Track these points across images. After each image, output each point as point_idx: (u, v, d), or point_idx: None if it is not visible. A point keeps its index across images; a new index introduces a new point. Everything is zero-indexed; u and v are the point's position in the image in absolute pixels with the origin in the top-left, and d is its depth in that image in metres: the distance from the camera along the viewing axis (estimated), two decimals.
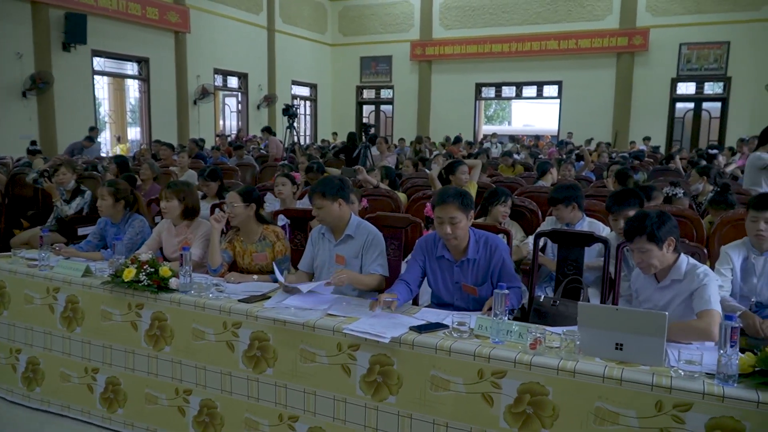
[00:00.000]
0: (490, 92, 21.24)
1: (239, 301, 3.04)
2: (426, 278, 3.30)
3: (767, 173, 5.82)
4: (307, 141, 20.64)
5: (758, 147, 6.13)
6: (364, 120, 21.87)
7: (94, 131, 12.85)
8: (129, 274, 3.18)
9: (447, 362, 2.47)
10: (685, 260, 2.83)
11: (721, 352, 2.08)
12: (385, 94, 22.33)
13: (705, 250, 3.50)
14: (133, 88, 15.93)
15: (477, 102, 20.91)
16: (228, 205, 3.68)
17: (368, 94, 22.82)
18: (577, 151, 12.31)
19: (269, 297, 3.13)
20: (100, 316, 3.37)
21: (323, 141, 18.95)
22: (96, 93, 14.27)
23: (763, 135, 6.04)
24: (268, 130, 13.13)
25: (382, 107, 22.72)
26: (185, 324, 3.10)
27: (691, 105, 18.37)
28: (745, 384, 2.07)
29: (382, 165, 7.66)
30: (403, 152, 13.44)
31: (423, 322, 2.72)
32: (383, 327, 2.64)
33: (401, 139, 17.02)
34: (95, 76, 14.06)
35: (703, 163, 8.11)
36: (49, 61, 12.36)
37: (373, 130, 11.45)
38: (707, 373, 2.14)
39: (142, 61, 15.06)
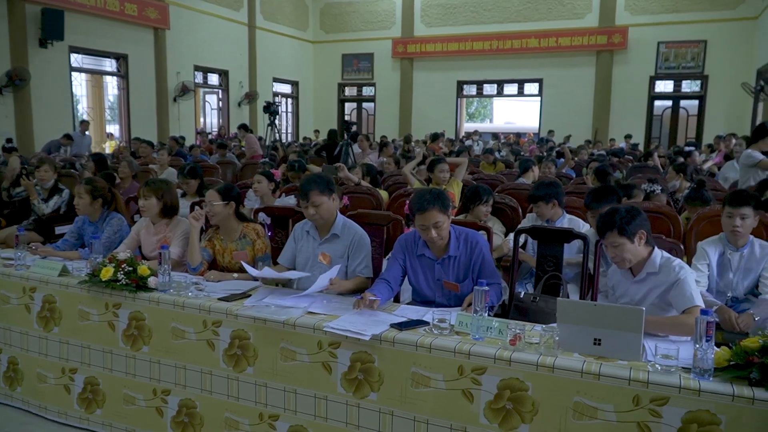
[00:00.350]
0: (472, 90, 21.30)
1: (219, 299, 3.02)
2: (407, 276, 3.30)
3: (756, 171, 5.78)
4: (289, 138, 20.56)
5: (750, 144, 6.09)
6: (346, 117, 21.82)
7: (84, 124, 12.70)
8: (107, 273, 3.15)
9: (427, 359, 2.48)
10: (659, 254, 2.87)
11: (697, 346, 2.11)
12: (367, 91, 22.30)
13: (682, 246, 3.54)
14: (111, 85, 15.76)
15: (459, 99, 20.96)
16: (207, 204, 3.65)
17: (350, 91, 22.78)
18: (557, 149, 12.39)
19: (249, 295, 3.12)
20: (77, 316, 3.33)
21: (305, 138, 18.88)
22: (74, 90, 14.09)
23: (755, 133, 6.02)
24: (245, 128, 13.05)
25: (364, 105, 22.69)
26: (164, 323, 3.07)
27: (669, 103, 18.58)
28: (721, 378, 2.10)
29: (363, 162, 7.66)
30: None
31: (404, 319, 2.72)
32: (364, 324, 2.64)
33: (383, 137, 17.00)
34: (73, 73, 13.86)
35: (681, 160, 8.20)
36: (25, 58, 12.17)
37: (354, 128, 11.41)
38: (683, 368, 2.16)
39: (121, 58, 14.89)
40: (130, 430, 3.27)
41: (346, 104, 22.92)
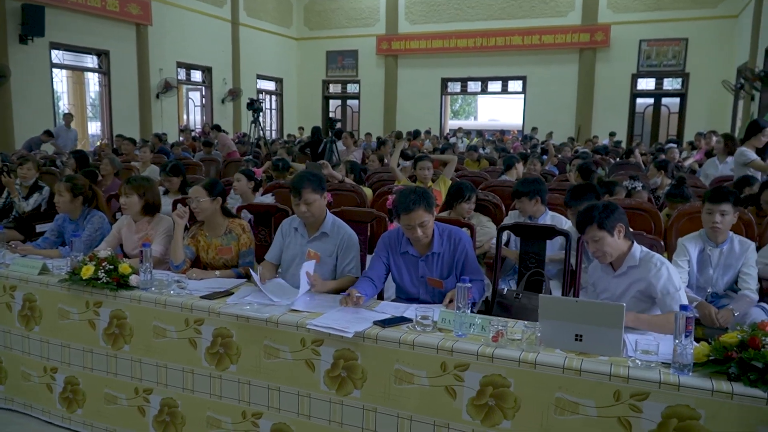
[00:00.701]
0: (456, 87, 21.32)
1: (201, 297, 3.00)
2: (390, 273, 3.30)
3: (748, 169, 5.68)
4: (273, 135, 20.48)
5: (744, 142, 5.98)
6: (331, 114, 21.78)
7: (67, 117, 12.55)
8: (87, 271, 3.12)
9: (410, 356, 2.48)
10: (639, 248, 2.92)
11: (677, 341, 2.13)
12: (352, 88, 22.24)
13: (662, 243, 3.57)
14: (93, 81, 15.57)
15: (443, 97, 20.99)
16: (193, 200, 3.63)
17: (334, 88, 22.71)
18: (542, 146, 12.44)
19: (232, 293, 3.10)
20: (57, 315, 3.30)
21: (289, 136, 18.81)
22: (55, 86, 13.90)
23: (748, 130, 5.95)
24: (217, 128, 12.95)
25: (349, 102, 22.64)
26: (146, 322, 3.05)
27: (651, 100, 18.73)
28: (700, 373, 2.12)
29: (347, 159, 7.65)
30: (369, 147, 13.42)
31: (387, 316, 2.73)
32: (347, 322, 2.64)
33: (368, 134, 17.00)
34: (54, 69, 13.68)
35: (662, 157, 8.27)
36: (5, 54, 11.97)
37: (339, 125, 11.37)
38: (663, 363, 2.18)
39: (102, 54, 14.72)
40: (111, 430, 3.24)
41: (331, 101, 22.85)
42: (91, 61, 14.82)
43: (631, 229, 3.00)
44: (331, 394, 2.65)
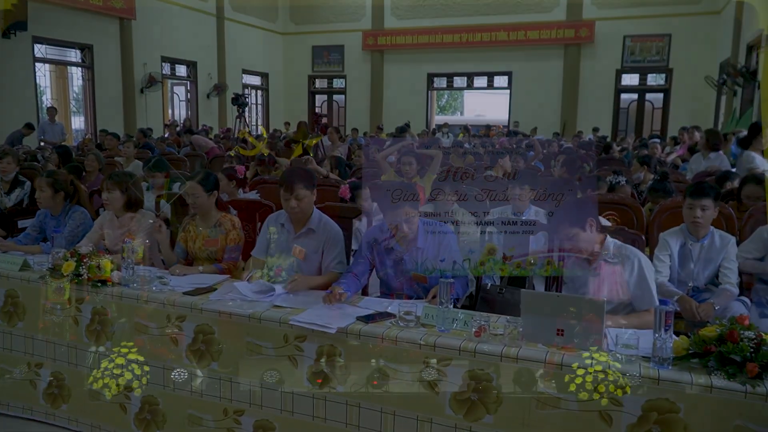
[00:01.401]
0: (442, 82, 21.34)
1: (184, 293, 2.99)
2: (375, 269, 3.30)
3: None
4: (258, 131, 20.37)
5: (748, 145, 5.89)
6: (317, 110, 21.71)
7: (51, 111, 12.43)
8: (68, 267, 3.09)
9: (393, 351, 2.48)
10: (612, 241, 2.95)
11: (656, 335, 2.15)
12: (338, 83, 22.19)
13: (644, 237, 3.60)
14: (76, 76, 15.41)
15: (429, 92, 21.00)
16: (190, 197, 3.61)
17: (320, 83, 22.65)
18: (527, 141, 12.46)
19: (215, 289, 3.08)
20: (40, 311, 3.27)
21: (275, 131, 18.73)
22: (38, 81, 13.76)
23: (750, 132, 5.89)
24: (190, 132, 12.83)
25: (335, 97, 22.59)
26: (128, 318, 3.02)
27: (635, 96, 18.86)
28: (679, 366, 2.15)
29: (332, 155, 7.63)
30: (356, 142, 13.39)
31: (370, 312, 2.73)
32: (330, 318, 2.64)
33: (354, 129, 16.96)
34: (37, 64, 13.54)
35: (644, 152, 8.33)
36: None
37: (325, 120, 11.34)
38: (643, 357, 2.20)
39: (86, 48, 14.59)
40: (95, 426, 3.22)
41: (317, 96, 22.79)
42: (74, 55, 14.68)
43: (609, 223, 3.03)
44: (315, 390, 2.65)
